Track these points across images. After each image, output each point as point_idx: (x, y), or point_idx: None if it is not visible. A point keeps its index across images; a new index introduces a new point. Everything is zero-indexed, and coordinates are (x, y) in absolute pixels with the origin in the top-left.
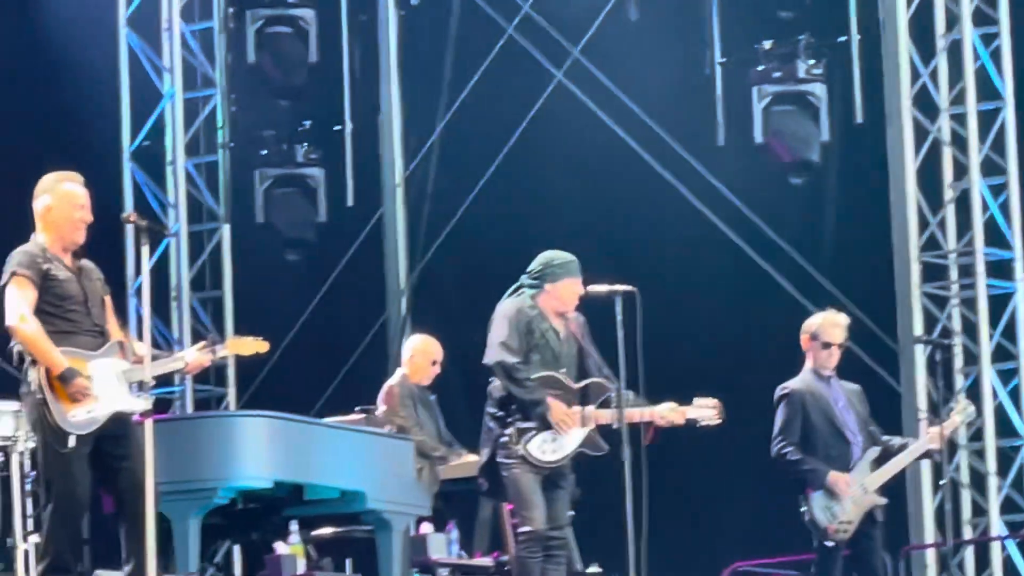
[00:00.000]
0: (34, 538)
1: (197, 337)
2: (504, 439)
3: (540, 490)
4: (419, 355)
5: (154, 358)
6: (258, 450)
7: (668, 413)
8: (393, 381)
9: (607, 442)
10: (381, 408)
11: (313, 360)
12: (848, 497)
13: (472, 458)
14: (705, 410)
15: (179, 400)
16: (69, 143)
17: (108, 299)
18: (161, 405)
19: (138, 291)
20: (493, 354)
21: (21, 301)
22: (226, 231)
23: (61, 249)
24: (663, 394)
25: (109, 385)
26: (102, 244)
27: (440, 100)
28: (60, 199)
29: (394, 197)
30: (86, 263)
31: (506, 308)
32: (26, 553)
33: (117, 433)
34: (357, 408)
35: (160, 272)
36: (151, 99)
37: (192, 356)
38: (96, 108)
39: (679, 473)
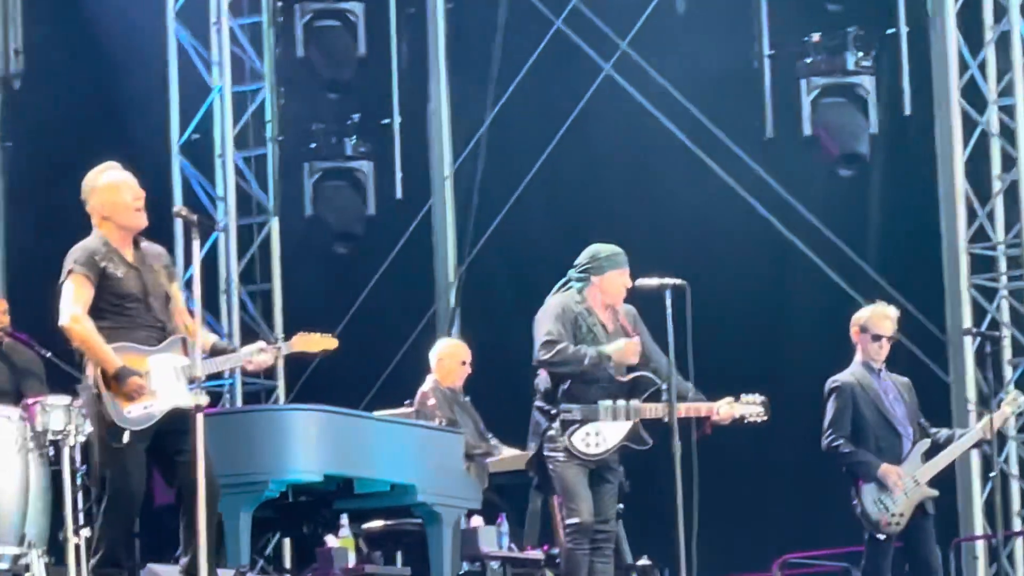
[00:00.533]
0: (85, 532)
1: (246, 330)
2: (551, 432)
3: (586, 483)
4: (447, 358)
5: (218, 353)
6: (308, 444)
7: (726, 409)
8: (426, 387)
9: (653, 436)
10: (421, 406)
11: (362, 353)
12: (900, 489)
13: (515, 452)
14: (752, 407)
15: (228, 393)
16: (118, 137)
17: (175, 287)
18: (210, 398)
19: (188, 284)
20: (537, 353)
21: (75, 300)
22: (275, 224)
23: (123, 240)
24: (711, 386)
25: (167, 381)
26: (152, 237)
27: (488, 93)
28: (107, 191)
29: (442, 190)
30: (149, 249)
31: (551, 305)
32: (77, 547)
33: (177, 428)
34: (407, 401)
35: (209, 265)
36: (200, 93)
37: (258, 357)
38: (145, 102)
39: (728, 465)
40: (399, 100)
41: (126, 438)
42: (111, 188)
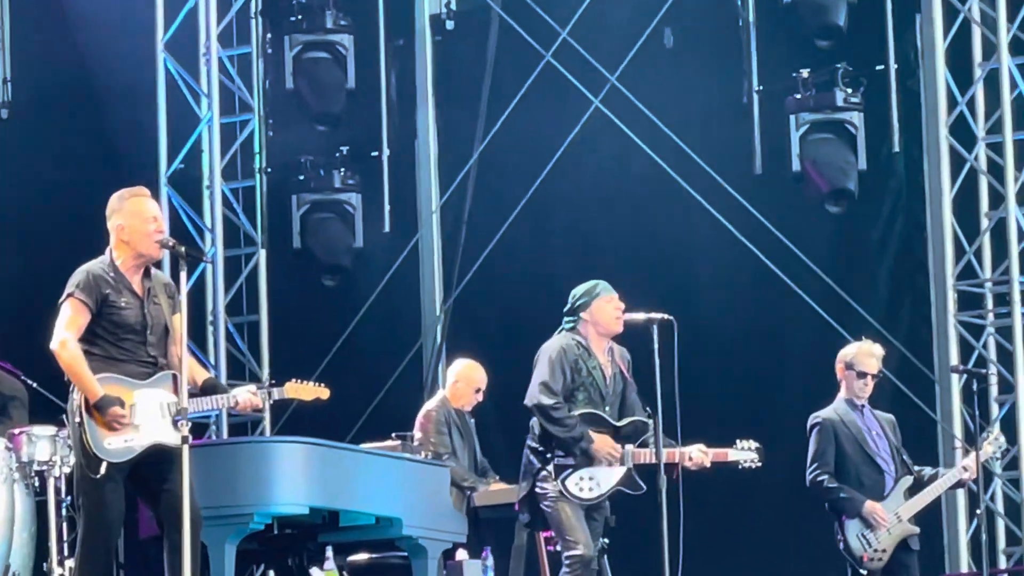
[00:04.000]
0: (70, 562)
1: (232, 361)
2: (544, 473)
3: (582, 516)
4: (463, 381)
5: (209, 391)
6: (294, 476)
7: (697, 455)
8: (431, 405)
9: (644, 478)
10: (417, 433)
11: (348, 386)
12: (884, 527)
13: (504, 485)
14: (747, 453)
15: (214, 425)
16: (106, 167)
17: (177, 319)
18: (197, 430)
19: None
20: (532, 395)
21: (68, 326)
22: (263, 256)
23: (134, 267)
24: (698, 420)
25: (152, 416)
26: None
27: (477, 126)
28: (130, 215)
29: (430, 224)
30: (158, 279)
31: (551, 346)
32: None
33: (161, 459)
34: (393, 434)
35: (196, 296)
36: (188, 123)
37: (245, 397)
38: (133, 132)
39: (714, 500)
40: (388, 133)
41: (103, 469)
42: (135, 214)
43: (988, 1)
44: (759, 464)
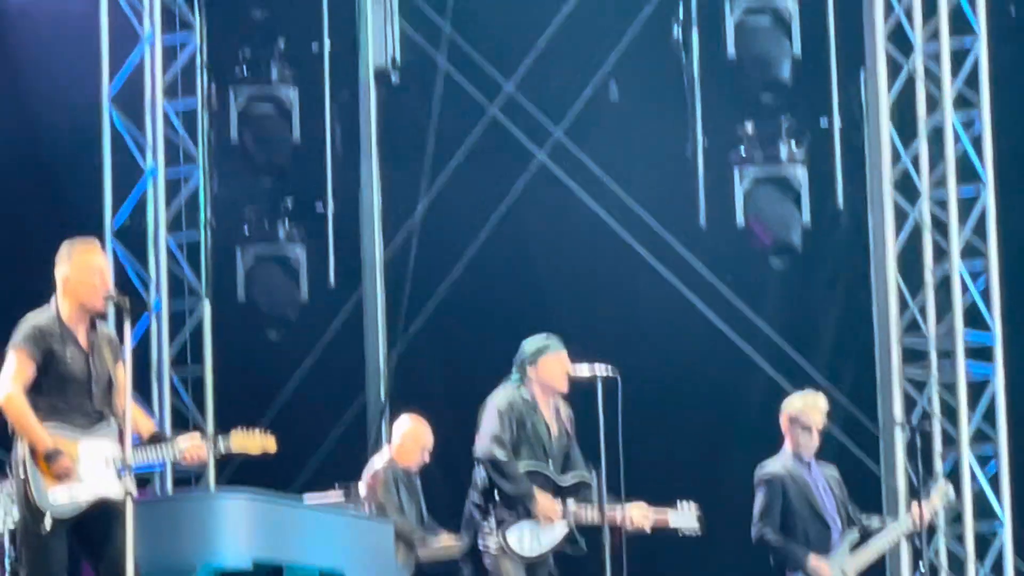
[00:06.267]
0: None
1: (177, 414)
2: (486, 529)
3: (523, 571)
4: (409, 440)
5: (154, 442)
6: (237, 530)
7: (638, 519)
8: (378, 465)
9: (587, 534)
10: (363, 490)
11: (292, 439)
12: None
13: (451, 540)
14: (688, 520)
15: (158, 478)
16: (52, 219)
17: (120, 371)
18: (139, 482)
19: None
20: (484, 448)
21: (14, 378)
22: (207, 309)
23: (80, 318)
24: (642, 476)
25: (96, 469)
26: None
27: (422, 180)
28: (77, 268)
29: (374, 278)
30: (103, 332)
31: (498, 399)
32: None
33: (104, 514)
34: (336, 484)
35: (141, 349)
36: (134, 175)
37: (188, 445)
38: (79, 183)
39: (657, 556)
40: (332, 186)
41: (48, 524)
42: (83, 267)
43: (932, 56)
44: (699, 534)
